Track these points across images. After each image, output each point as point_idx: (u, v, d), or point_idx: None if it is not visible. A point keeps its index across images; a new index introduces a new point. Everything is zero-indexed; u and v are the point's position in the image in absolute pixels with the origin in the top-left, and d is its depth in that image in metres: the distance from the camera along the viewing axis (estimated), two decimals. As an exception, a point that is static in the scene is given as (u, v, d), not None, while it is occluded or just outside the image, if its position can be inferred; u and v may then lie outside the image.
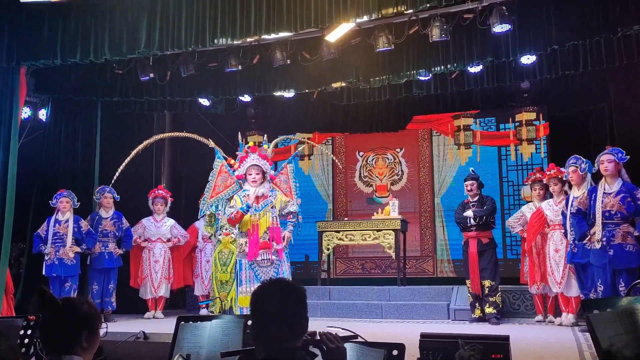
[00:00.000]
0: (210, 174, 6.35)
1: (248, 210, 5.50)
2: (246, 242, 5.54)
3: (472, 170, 7.36)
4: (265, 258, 5.50)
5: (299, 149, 8.39)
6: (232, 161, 6.21)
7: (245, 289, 5.48)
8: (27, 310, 2.49)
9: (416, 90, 8.17)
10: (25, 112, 8.31)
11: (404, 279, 8.07)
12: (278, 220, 5.67)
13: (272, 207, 5.63)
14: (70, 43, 6.61)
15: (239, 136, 6.23)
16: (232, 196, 5.87)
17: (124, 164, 6.78)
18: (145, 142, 6.82)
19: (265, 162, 5.80)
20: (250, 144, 6.02)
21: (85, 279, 7.62)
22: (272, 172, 6.01)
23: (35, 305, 2.08)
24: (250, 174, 5.69)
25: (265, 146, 6.00)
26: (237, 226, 5.71)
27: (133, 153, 6.73)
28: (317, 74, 7.54)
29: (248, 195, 5.60)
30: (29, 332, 2.49)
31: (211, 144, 6.63)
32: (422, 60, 7.14)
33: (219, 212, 6.51)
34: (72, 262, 7.25)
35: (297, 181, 6.34)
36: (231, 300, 6.14)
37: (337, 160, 8.87)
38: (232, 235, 6.37)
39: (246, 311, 5.32)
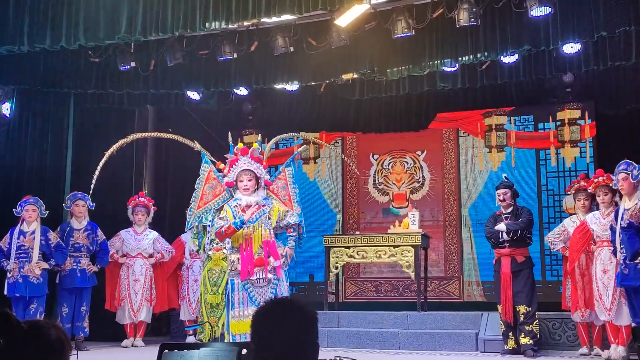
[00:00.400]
0: (197, 181, 6.30)
1: (242, 226, 5.48)
2: (238, 259, 5.53)
3: (505, 177, 7.35)
4: (261, 277, 5.50)
5: (299, 150, 8.31)
6: (222, 165, 6.15)
7: (238, 313, 5.48)
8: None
9: (440, 84, 8.18)
10: (-14, 106, 8.40)
11: (425, 304, 8.06)
12: (272, 232, 5.64)
13: (267, 218, 5.62)
14: (39, 27, 6.65)
15: (229, 136, 6.20)
16: (222, 206, 5.86)
17: (97, 170, 6.56)
18: (121, 142, 6.57)
19: (259, 165, 5.73)
20: (240, 145, 5.94)
21: (53, 299, 7.65)
22: (268, 177, 5.95)
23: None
24: (242, 181, 5.66)
25: (255, 145, 5.97)
26: (226, 240, 5.71)
27: (106, 156, 6.52)
28: (325, 64, 7.57)
29: (240, 205, 5.59)
30: (-14, 360, 2.51)
31: (197, 146, 6.48)
32: (448, 48, 7.17)
33: (207, 223, 6.48)
34: (39, 281, 7.26)
35: (297, 187, 6.29)
36: (222, 326, 6.15)
37: (349, 162, 8.82)
38: (224, 250, 6.36)
39: (239, 338, 5.33)
